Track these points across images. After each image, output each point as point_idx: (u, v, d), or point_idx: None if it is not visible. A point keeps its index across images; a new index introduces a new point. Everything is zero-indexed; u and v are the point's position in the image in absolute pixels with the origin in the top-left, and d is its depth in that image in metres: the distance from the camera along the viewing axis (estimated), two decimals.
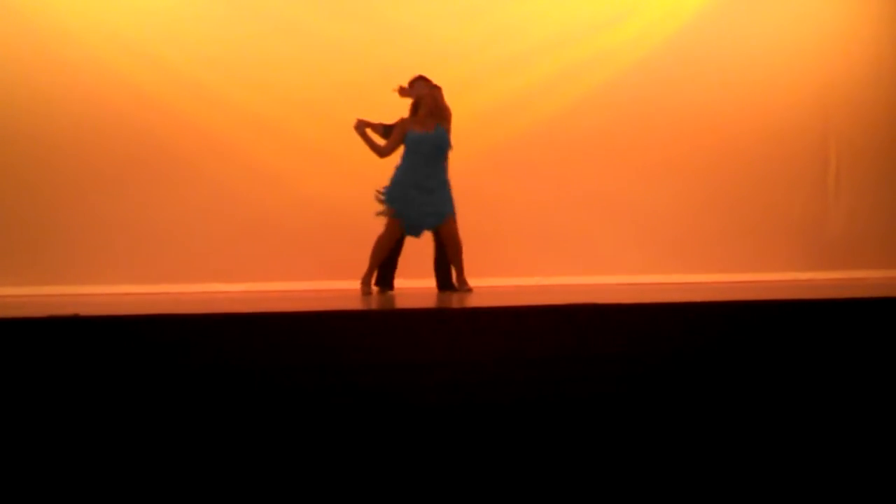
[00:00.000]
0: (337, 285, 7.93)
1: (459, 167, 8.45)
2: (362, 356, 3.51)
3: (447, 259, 6.99)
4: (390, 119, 7.04)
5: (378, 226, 6.91)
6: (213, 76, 8.40)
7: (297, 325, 3.64)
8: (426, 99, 6.85)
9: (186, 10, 8.46)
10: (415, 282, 7.47)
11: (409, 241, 7.09)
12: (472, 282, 7.10)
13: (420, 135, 6.79)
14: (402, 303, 5.29)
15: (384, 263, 7.03)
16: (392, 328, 3.66)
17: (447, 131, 6.87)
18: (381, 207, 6.76)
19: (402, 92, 7.06)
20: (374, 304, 5.36)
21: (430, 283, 7.25)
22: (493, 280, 7.77)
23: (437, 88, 7.09)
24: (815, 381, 3.63)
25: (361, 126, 6.86)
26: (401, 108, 7.29)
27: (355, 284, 7.22)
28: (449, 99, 8.09)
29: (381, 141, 6.89)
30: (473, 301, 5.29)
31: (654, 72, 8.73)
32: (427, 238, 7.09)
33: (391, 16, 8.72)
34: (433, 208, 6.80)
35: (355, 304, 4.77)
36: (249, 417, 3.34)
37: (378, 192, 6.74)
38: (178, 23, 8.39)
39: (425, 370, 3.52)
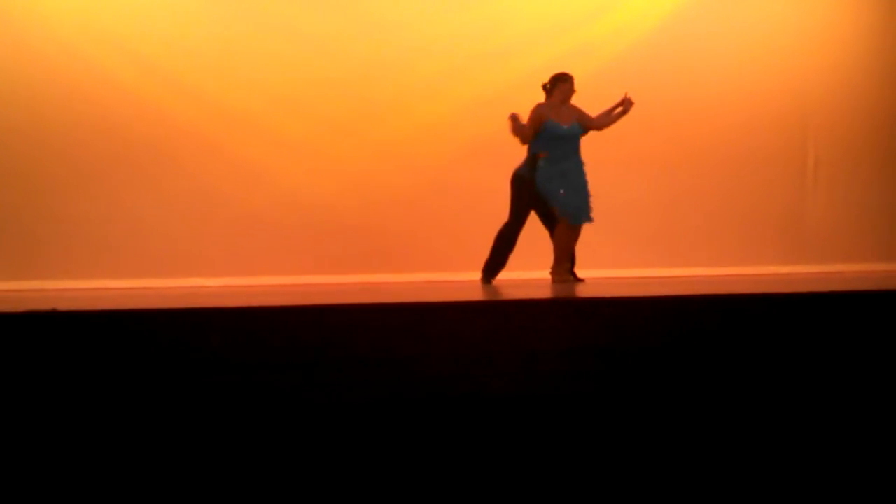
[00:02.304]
0: (320, 280, 7.92)
1: (442, 160, 8.48)
2: (348, 351, 3.51)
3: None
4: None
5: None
6: (195, 72, 8.36)
7: (280, 319, 3.64)
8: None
9: (170, 7, 8.41)
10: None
11: None
12: (455, 276, 7.12)
13: (558, 126, 6.94)
14: (391, 297, 5.27)
15: (498, 255, 7.06)
16: (380, 323, 3.66)
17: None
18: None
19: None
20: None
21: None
22: (476, 274, 7.75)
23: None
24: (794, 375, 3.65)
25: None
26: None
27: (338, 279, 7.21)
28: (432, 93, 8.11)
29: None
30: (456, 296, 5.29)
31: (634, 66, 8.74)
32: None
33: (374, 10, 8.70)
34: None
35: (340, 298, 4.76)
36: (231, 413, 3.34)
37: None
38: (159, 19, 8.34)
39: (414, 365, 3.52)
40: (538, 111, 6.95)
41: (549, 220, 7.10)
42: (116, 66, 8.22)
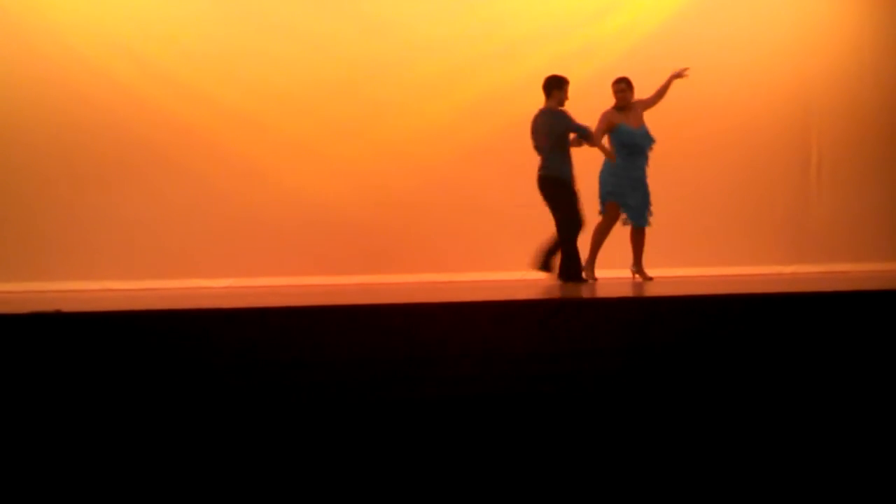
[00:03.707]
0: (323, 281, 7.92)
1: (445, 161, 8.47)
2: (350, 352, 3.51)
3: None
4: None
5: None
6: (194, 72, 8.37)
7: (283, 320, 3.64)
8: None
9: (169, 7, 8.42)
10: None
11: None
12: (454, 276, 7.13)
13: (631, 129, 7.27)
14: (393, 298, 5.29)
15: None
16: (375, 323, 3.66)
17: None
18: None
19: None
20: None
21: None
22: (478, 274, 7.77)
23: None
24: (797, 375, 3.65)
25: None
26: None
27: (339, 279, 7.20)
28: (435, 93, 8.08)
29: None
30: (456, 296, 5.29)
31: (637, 66, 8.73)
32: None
33: (375, 11, 8.71)
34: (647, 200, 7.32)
35: (343, 299, 4.77)
36: (233, 413, 3.34)
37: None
38: (160, 19, 8.36)
39: (416, 365, 3.52)
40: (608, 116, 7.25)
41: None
42: (120, 69, 8.23)
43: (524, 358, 3.57)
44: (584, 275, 7.09)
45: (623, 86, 7.29)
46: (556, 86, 7.14)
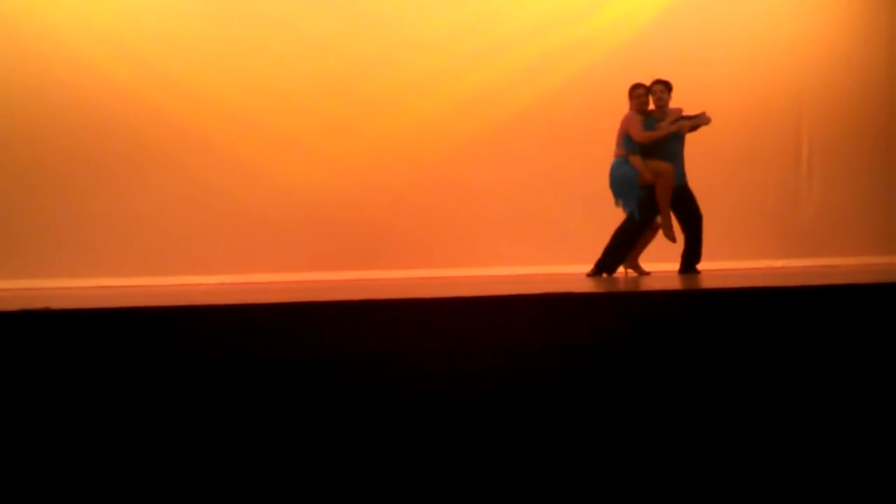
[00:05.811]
0: (315, 277, 7.92)
1: (438, 157, 8.47)
2: (344, 348, 3.51)
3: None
4: None
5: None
6: (188, 69, 8.37)
7: (275, 317, 3.63)
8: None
9: (166, 5, 8.41)
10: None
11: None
12: (448, 272, 7.12)
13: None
14: (386, 294, 5.28)
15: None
16: (375, 319, 3.66)
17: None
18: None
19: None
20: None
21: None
22: (471, 270, 7.77)
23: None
24: (786, 369, 3.66)
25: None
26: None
27: (332, 275, 7.19)
28: (428, 89, 8.08)
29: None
30: (449, 291, 5.29)
31: (631, 61, 8.76)
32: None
33: (369, 7, 8.70)
34: None
35: (336, 295, 4.76)
36: (225, 410, 3.33)
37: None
38: (154, 16, 8.35)
39: (410, 361, 3.52)
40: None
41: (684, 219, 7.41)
42: (112, 65, 8.22)
43: (522, 355, 3.57)
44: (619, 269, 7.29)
45: (641, 91, 7.27)
46: None
